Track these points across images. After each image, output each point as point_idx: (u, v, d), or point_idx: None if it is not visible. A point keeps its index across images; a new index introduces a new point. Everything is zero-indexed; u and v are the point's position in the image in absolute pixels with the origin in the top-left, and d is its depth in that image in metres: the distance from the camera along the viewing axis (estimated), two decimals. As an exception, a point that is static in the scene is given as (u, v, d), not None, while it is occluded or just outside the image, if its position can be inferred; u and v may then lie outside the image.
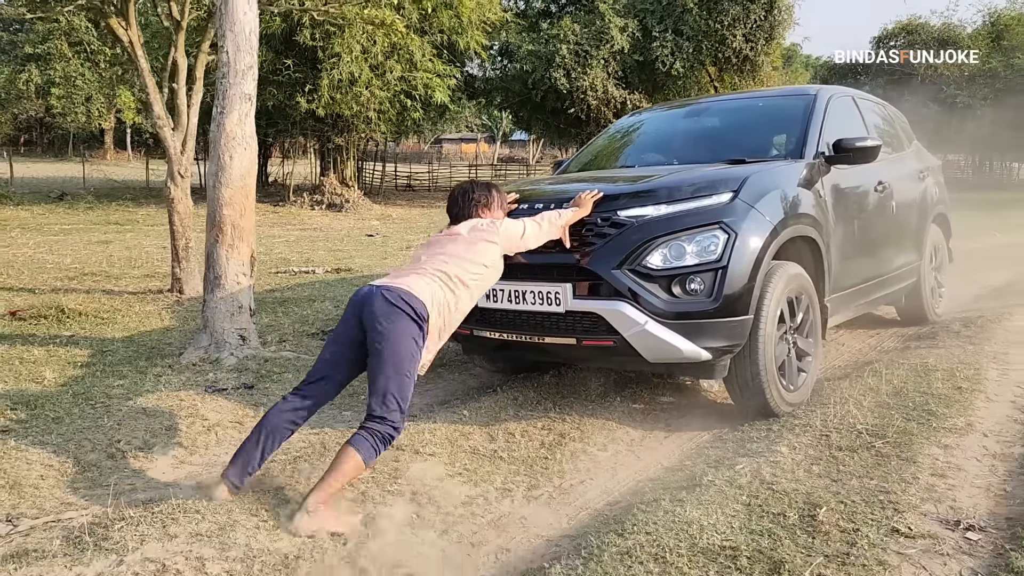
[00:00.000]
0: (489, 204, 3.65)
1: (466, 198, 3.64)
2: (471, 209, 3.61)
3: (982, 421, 3.76)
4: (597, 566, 2.52)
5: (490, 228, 3.46)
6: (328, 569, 2.70)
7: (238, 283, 5.21)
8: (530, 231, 3.54)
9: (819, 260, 4.31)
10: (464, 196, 3.64)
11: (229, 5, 5.01)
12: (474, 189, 3.69)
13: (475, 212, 3.61)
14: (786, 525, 2.75)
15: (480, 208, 3.61)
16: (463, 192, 3.67)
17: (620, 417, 4.22)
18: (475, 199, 3.63)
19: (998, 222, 16.80)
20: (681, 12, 21.10)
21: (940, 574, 2.46)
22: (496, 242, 3.40)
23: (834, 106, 4.95)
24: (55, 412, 4.13)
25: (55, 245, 11.82)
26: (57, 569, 2.56)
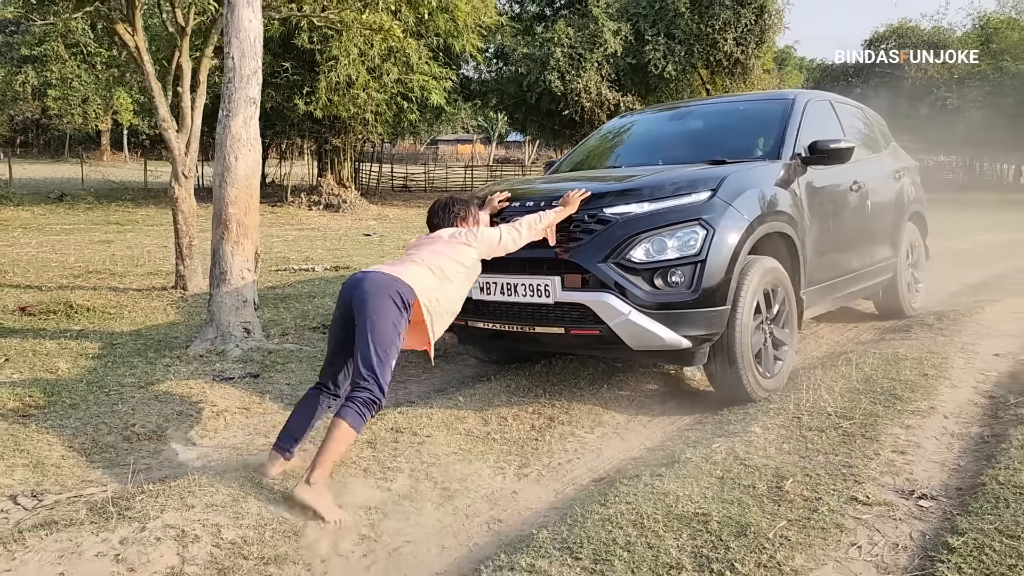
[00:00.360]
0: (467, 217, 3.84)
1: (446, 211, 3.84)
2: (450, 221, 3.82)
3: (944, 404, 4.02)
4: (581, 531, 2.76)
5: (468, 234, 3.68)
6: (332, 536, 2.94)
7: (243, 278, 5.44)
8: (507, 237, 3.74)
9: (795, 255, 4.56)
10: (445, 209, 3.85)
11: (235, 13, 5.24)
12: (454, 203, 3.88)
13: (454, 223, 3.81)
14: (755, 495, 2.99)
15: (459, 220, 3.81)
16: (444, 206, 3.88)
17: (607, 403, 4.46)
18: (454, 212, 3.83)
19: (985, 222, 17.10)
20: (673, 16, 21.40)
21: (892, 536, 2.71)
22: (474, 246, 3.63)
23: (811, 110, 5.21)
24: (71, 399, 4.36)
25: (58, 244, 12.03)
26: (85, 535, 2.79)
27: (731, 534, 2.67)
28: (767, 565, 2.47)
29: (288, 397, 4.60)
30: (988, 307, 6.40)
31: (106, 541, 2.76)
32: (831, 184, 5.09)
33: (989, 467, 3.13)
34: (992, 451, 3.34)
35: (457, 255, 3.55)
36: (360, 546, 2.91)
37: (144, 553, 2.68)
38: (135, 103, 40.19)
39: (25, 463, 3.54)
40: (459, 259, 3.54)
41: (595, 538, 2.69)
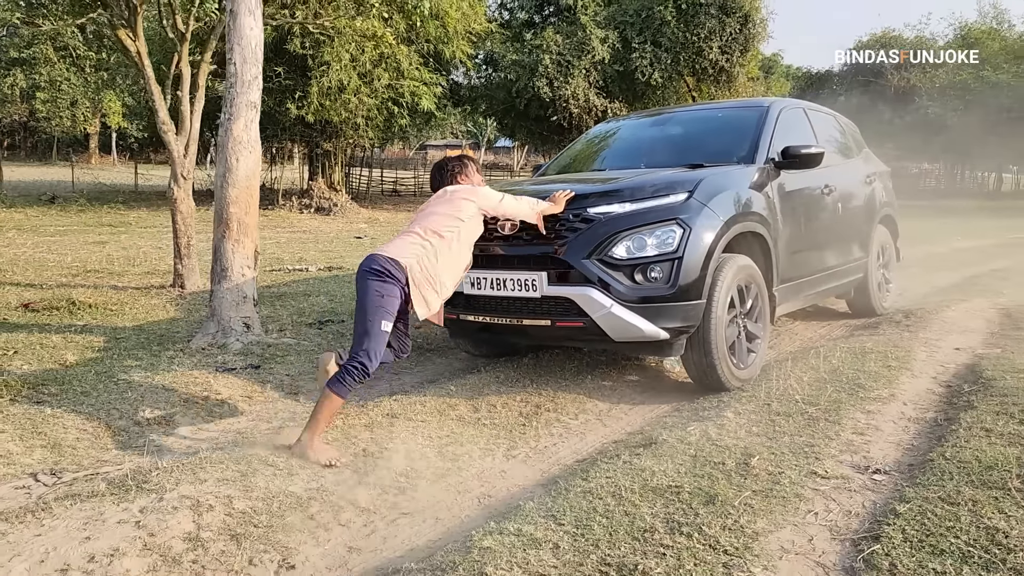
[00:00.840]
0: (464, 171, 4.18)
1: (444, 170, 4.19)
2: (449, 178, 4.14)
3: (904, 393, 4.31)
4: (564, 501, 3.02)
5: (468, 189, 4.02)
6: (334, 507, 3.19)
7: (243, 275, 5.67)
8: (508, 200, 4.05)
9: (767, 253, 4.84)
10: (442, 169, 4.21)
11: (237, 21, 5.48)
12: (449, 161, 4.25)
13: (453, 180, 4.14)
14: (724, 470, 3.26)
15: (458, 176, 4.15)
16: (440, 165, 4.25)
17: (590, 392, 4.73)
18: (451, 169, 4.17)
19: (962, 228, 17.50)
20: (660, 24, 21.77)
21: (846, 504, 2.98)
22: (473, 200, 3.94)
23: (785, 117, 5.50)
24: (82, 387, 4.58)
25: (53, 245, 12.20)
26: (107, 504, 3.03)
27: (700, 502, 2.94)
28: (732, 528, 2.73)
29: (288, 387, 4.84)
30: (954, 306, 6.72)
31: (127, 510, 3.00)
32: (803, 187, 5.38)
33: (938, 446, 3.41)
34: (943, 433, 3.62)
35: (455, 210, 3.85)
36: (360, 517, 3.15)
37: (163, 520, 2.92)
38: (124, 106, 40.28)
39: (43, 444, 3.77)
40: (456, 214, 3.84)
41: (577, 507, 2.95)
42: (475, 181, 4.18)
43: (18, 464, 3.57)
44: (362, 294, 3.63)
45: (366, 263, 3.69)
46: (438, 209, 3.89)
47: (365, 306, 3.61)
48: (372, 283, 3.61)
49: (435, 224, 3.80)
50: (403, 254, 3.68)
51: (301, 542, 2.92)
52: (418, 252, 3.71)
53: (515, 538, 2.71)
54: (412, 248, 3.72)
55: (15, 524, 2.88)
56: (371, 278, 3.62)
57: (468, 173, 4.16)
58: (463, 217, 3.87)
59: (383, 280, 3.61)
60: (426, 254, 3.73)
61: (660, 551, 2.59)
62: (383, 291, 3.60)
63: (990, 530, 2.59)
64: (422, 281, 3.70)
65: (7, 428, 3.87)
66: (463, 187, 4.05)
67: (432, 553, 2.83)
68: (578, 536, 2.72)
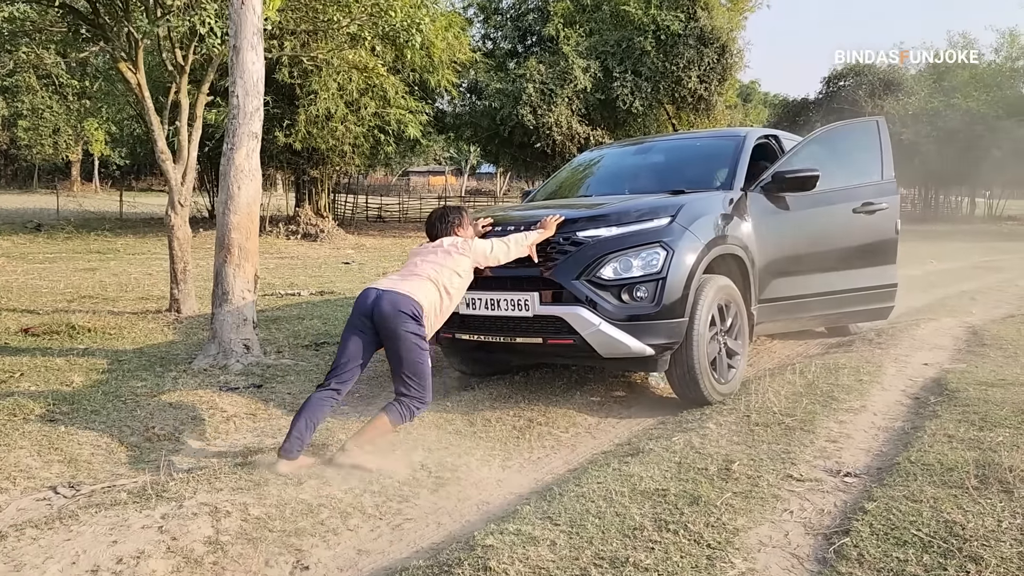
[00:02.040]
0: (462, 223, 4.44)
1: (443, 220, 4.43)
2: (447, 228, 4.38)
3: (875, 404, 4.58)
4: (559, 504, 3.24)
5: (463, 244, 4.26)
6: (343, 514, 3.39)
7: (243, 298, 5.88)
8: (497, 248, 4.32)
9: (746, 274, 5.13)
10: (441, 219, 4.44)
11: (240, 56, 5.74)
12: (449, 213, 4.49)
13: (450, 231, 4.38)
14: (707, 475, 3.50)
15: (455, 227, 4.39)
16: (440, 215, 4.47)
17: (580, 407, 4.97)
18: (450, 220, 4.42)
19: (936, 252, 17.97)
20: (640, 54, 22.32)
21: (819, 504, 3.23)
22: (467, 255, 4.20)
23: (760, 145, 5.82)
24: (92, 406, 4.76)
25: (44, 272, 12.31)
26: (130, 512, 3.23)
27: (685, 503, 3.18)
28: (714, 525, 2.97)
29: (289, 405, 5.04)
30: (924, 324, 7.05)
31: (149, 516, 3.19)
32: (779, 212, 5.67)
33: (904, 451, 3.68)
34: (910, 439, 3.89)
35: (455, 265, 4.10)
36: (367, 523, 3.36)
37: (184, 525, 3.12)
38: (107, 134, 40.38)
39: (59, 459, 3.96)
40: (456, 268, 4.10)
41: (571, 509, 3.18)
42: (469, 233, 4.44)
43: (38, 478, 3.75)
44: (404, 339, 3.78)
45: (399, 303, 3.81)
46: (440, 260, 4.11)
47: (410, 348, 3.79)
48: (410, 326, 3.79)
49: (444, 278, 4.03)
50: (425, 300, 3.89)
51: (313, 545, 3.13)
52: (435, 301, 3.97)
53: (515, 537, 2.93)
54: (432, 296, 3.95)
55: (44, 530, 3.07)
56: (409, 322, 3.79)
57: (464, 224, 4.41)
58: (461, 273, 4.14)
59: (419, 323, 3.83)
60: (439, 304, 4.00)
61: (649, 545, 2.82)
62: (420, 333, 3.84)
63: (949, 523, 2.84)
64: (429, 326, 3.98)
65: (25, 444, 4.05)
66: (459, 241, 4.27)
67: (437, 553, 3.04)
68: (573, 534, 2.94)
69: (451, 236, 4.34)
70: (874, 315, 6.34)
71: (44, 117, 32.78)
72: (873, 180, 6.13)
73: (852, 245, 6.01)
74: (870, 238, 6.10)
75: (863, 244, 6.06)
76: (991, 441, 3.67)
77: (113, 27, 8.00)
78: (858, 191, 6.02)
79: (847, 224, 5.99)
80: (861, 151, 6.16)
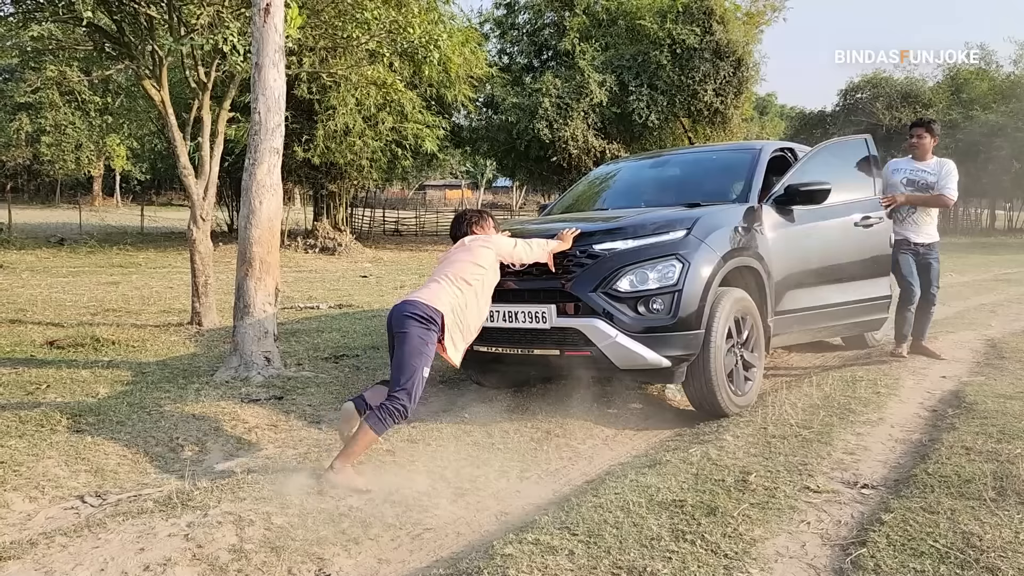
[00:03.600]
0: (481, 223, 4.55)
1: (463, 220, 4.57)
2: (468, 228, 4.50)
3: (892, 416, 4.59)
4: (577, 515, 3.28)
5: (485, 237, 4.36)
6: (364, 523, 3.44)
7: (264, 311, 5.97)
8: (520, 246, 4.41)
9: (762, 286, 5.15)
10: (461, 219, 4.59)
11: (262, 74, 5.86)
12: (469, 213, 4.65)
13: (471, 230, 4.50)
14: (724, 486, 3.53)
15: (474, 226, 4.52)
16: (459, 219, 4.63)
17: (597, 419, 5.00)
18: (469, 220, 4.55)
19: (955, 264, 17.85)
20: (655, 68, 22.40)
21: (836, 515, 3.25)
22: (490, 247, 4.28)
23: (776, 158, 5.85)
24: (117, 417, 4.85)
25: (67, 286, 12.50)
26: (156, 520, 3.30)
27: (702, 514, 3.21)
28: (731, 535, 3.00)
29: (310, 417, 5.11)
30: (941, 338, 7.03)
31: (175, 524, 3.27)
32: (794, 225, 5.70)
33: (922, 463, 3.69)
34: (927, 451, 3.90)
35: (476, 257, 4.17)
36: (388, 532, 3.40)
37: (209, 533, 3.19)
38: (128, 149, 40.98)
39: (87, 469, 4.04)
40: (478, 261, 4.16)
41: (589, 519, 3.21)
42: (491, 232, 4.52)
43: (65, 487, 3.83)
44: (404, 337, 3.81)
45: (407, 307, 3.87)
46: (460, 256, 4.19)
47: (408, 350, 3.80)
48: (416, 329, 3.82)
49: (462, 271, 4.09)
50: (439, 302, 3.92)
51: (335, 554, 3.17)
52: (452, 300, 3.98)
53: (533, 546, 2.97)
54: (446, 296, 3.97)
55: (74, 538, 3.14)
56: (416, 324, 3.82)
57: (485, 225, 4.50)
58: (484, 264, 4.18)
59: (427, 328, 3.84)
60: (458, 302, 4.01)
61: (666, 555, 2.85)
62: (427, 338, 3.85)
63: (966, 534, 2.86)
64: (454, 328, 4.00)
65: (53, 454, 4.13)
66: (480, 236, 4.38)
67: (456, 562, 3.09)
68: (591, 544, 2.98)
69: (472, 234, 4.43)
70: (871, 326, 6.44)
71: (67, 133, 33.31)
72: (869, 195, 6.25)
73: (856, 259, 6.13)
74: (870, 251, 6.23)
75: (865, 257, 6.19)
76: (1009, 453, 3.67)
77: (138, 45, 8.18)
78: (858, 205, 6.12)
79: (852, 237, 6.10)
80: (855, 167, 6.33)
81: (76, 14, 6.95)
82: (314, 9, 8.59)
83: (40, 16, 8.39)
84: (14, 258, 17.19)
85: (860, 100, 35.21)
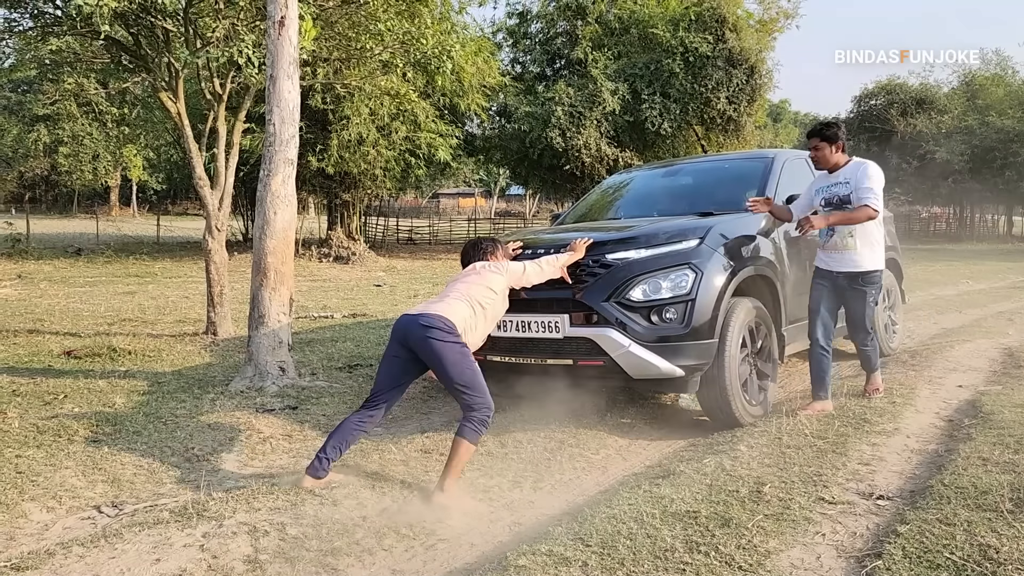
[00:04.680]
0: (495, 252, 4.52)
1: (476, 248, 4.55)
2: (480, 256, 4.48)
3: (908, 427, 4.55)
4: (590, 526, 3.27)
5: (498, 265, 4.35)
6: (378, 534, 3.45)
7: (279, 321, 6.00)
8: (530, 270, 4.40)
9: (775, 296, 5.13)
10: (475, 247, 4.56)
11: (276, 85, 5.91)
12: (482, 241, 4.63)
13: (484, 258, 4.48)
14: (738, 497, 3.51)
15: (487, 254, 4.49)
16: (474, 245, 4.60)
17: (610, 429, 5.00)
18: (483, 248, 4.53)
19: (971, 271, 17.71)
20: (668, 76, 22.39)
21: (851, 526, 3.23)
22: (502, 274, 4.27)
23: (789, 167, 5.85)
24: (134, 427, 4.89)
25: (84, 295, 12.62)
26: (172, 530, 3.33)
27: (716, 525, 3.19)
28: (746, 547, 2.99)
29: (324, 426, 5.12)
30: (958, 346, 6.97)
31: (190, 535, 3.29)
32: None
33: (938, 474, 3.66)
34: (943, 462, 3.86)
35: (488, 282, 4.16)
36: (401, 543, 3.41)
37: (224, 544, 3.22)
38: (145, 160, 41.40)
39: (103, 479, 4.07)
40: (490, 286, 4.15)
41: (602, 530, 3.20)
42: (502, 260, 4.52)
43: (82, 497, 3.86)
44: (440, 352, 3.78)
45: (423, 320, 3.84)
46: (472, 279, 4.18)
47: (454, 361, 3.79)
48: (448, 344, 3.80)
49: (476, 293, 4.08)
50: (454, 315, 3.91)
51: (349, 565, 3.19)
52: (467, 316, 3.97)
53: (547, 557, 2.97)
54: (462, 311, 3.96)
55: (90, 548, 3.17)
56: (446, 338, 3.80)
57: (497, 253, 4.50)
58: (496, 290, 4.18)
59: (454, 336, 3.84)
60: (472, 320, 4.01)
61: (680, 567, 2.84)
62: (460, 342, 3.85)
63: (983, 547, 2.83)
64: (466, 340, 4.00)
65: (70, 464, 4.17)
66: (491, 263, 4.38)
67: (470, 573, 3.09)
68: (604, 555, 2.97)
69: (484, 260, 4.43)
70: None
71: (84, 144, 33.63)
72: None
73: None
74: None
75: None
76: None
77: (154, 58, 8.27)
78: None
79: None
80: None
81: (94, 28, 7.04)
82: (328, 21, 8.65)
83: (58, 30, 8.51)
84: (32, 268, 17.37)
85: (874, 106, 35.04)
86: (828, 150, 4.98)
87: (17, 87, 41.24)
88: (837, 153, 4.99)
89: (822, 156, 5.00)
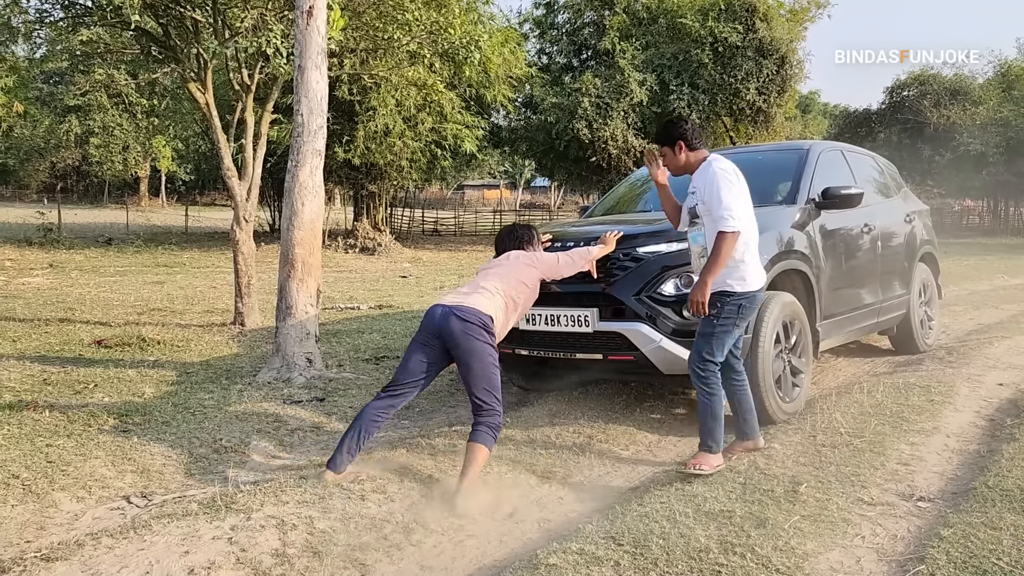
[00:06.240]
0: (530, 240, 4.45)
1: (512, 235, 4.47)
2: (516, 244, 4.41)
3: (947, 426, 4.43)
4: (622, 524, 3.21)
5: (531, 256, 4.27)
6: (406, 529, 3.42)
7: (306, 313, 5.99)
8: (563, 261, 4.33)
9: (810, 290, 5.02)
10: (510, 234, 4.48)
11: (304, 76, 5.88)
12: (518, 228, 4.55)
13: (520, 246, 4.41)
14: (773, 496, 3.43)
15: (523, 243, 4.42)
16: (509, 232, 4.52)
17: (640, 424, 4.92)
18: (519, 236, 4.45)
19: (1006, 266, 17.35)
20: (697, 67, 22.14)
21: (892, 529, 3.14)
22: (535, 267, 4.19)
23: (824, 159, 5.71)
24: (163, 418, 4.90)
25: (115, 285, 12.75)
26: (200, 523, 3.31)
27: (752, 525, 3.12)
28: (783, 549, 2.91)
29: (351, 418, 5.09)
30: (997, 343, 6.80)
31: (219, 528, 3.27)
32: (843, 226, 5.56)
33: (981, 475, 3.55)
34: (986, 463, 3.75)
35: (523, 275, 4.10)
36: (430, 538, 3.37)
37: (252, 537, 3.19)
38: (174, 151, 41.84)
39: (132, 470, 4.08)
40: (524, 279, 4.10)
41: (634, 529, 3.14)
42: (537, 250, 4.45)
43: (112, 488, 3.87)
44: (475, 351, 3.75)
45: (469, 316, 3.78)
46: (506, 271, 4.11)
47: (486, 363, 3.77)
48: (483, 337, 3.77)
49: (512, 289, 4.02)
50: (491, 310, 3.87)
51: (377, 560, 3.15)
52: (500, 309, 3.93)
53: (578, 556, 2.92)
54: (496, 304, 3.91)
55: (119, 540, 3.16)
56: (484, 337, 3.77)
57: (533, 243, 4.43)
58: (528, 283, 4.12)
59: (491, 335, 3.81)
60: (504, 312, 3.96)
61: (716, 570, 2.78)
62: (493, 344, 3.82)
63: (1032, 553, 2.73)
64: (496, 335, 3.96)
65: (100, 455, 4.18)
66: (525, 253, 4.30)
67: (500, 571, 3.04)
68: (637, 555, 2.91)
69: (519, 250, 4.37)
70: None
71: (114, 135, 34.07)
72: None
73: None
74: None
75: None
76: (1075, 466, 3.51)
77: (183, 49, 8.29)
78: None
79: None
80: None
81: (123, 18, 7.07)
82: (355, 11, 8.62)
83: (89, 21, 8.56)
84: (64, 258, 17.59)
85: (907, 98, 34.39)
86: (671, 154, 4.09)
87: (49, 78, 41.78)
88: (683, 153, 4.06)
89: (673, 164, 4.12)
